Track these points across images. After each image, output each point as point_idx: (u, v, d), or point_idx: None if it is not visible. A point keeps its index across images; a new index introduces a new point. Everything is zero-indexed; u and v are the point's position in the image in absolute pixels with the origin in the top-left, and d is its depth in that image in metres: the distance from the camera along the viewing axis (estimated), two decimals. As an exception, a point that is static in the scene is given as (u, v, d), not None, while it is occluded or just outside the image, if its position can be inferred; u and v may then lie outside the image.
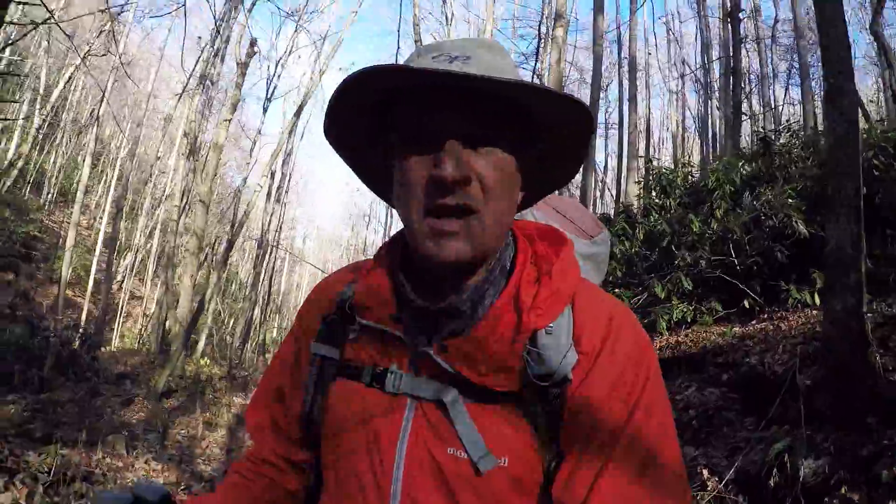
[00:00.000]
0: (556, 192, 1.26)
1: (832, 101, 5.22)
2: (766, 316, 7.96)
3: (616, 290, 9.06)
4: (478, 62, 0.92)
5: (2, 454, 4.54)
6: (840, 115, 5.06)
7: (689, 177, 11.27)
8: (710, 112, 27.70)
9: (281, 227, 36.83)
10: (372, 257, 1.11)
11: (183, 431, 9.95)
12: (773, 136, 10.57)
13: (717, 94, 25.03)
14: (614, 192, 22.75)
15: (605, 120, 33.02)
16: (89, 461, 5.13)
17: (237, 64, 19.93)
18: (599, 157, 34.65)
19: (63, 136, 31.53)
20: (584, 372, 0.90)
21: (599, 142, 32.84)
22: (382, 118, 1.00)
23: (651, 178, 11.68)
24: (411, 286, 0.99)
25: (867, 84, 30.96)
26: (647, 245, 9.85)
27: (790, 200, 8.25)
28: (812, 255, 7.35)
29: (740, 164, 10.03)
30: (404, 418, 0.94)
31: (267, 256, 32.90)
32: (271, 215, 32.70)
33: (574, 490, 0.86)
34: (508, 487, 0.88)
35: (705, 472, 4.66)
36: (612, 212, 18.64)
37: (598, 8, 18.96)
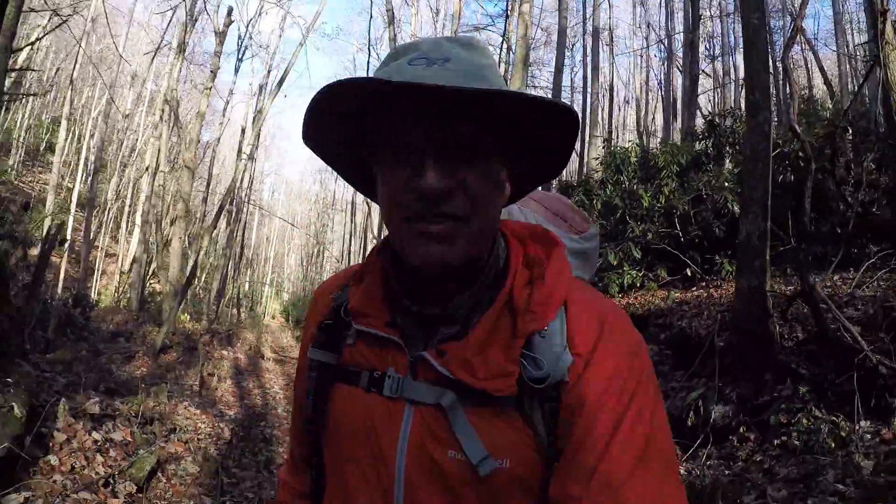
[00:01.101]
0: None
1: (752, 115, 6.38)
2: (704, 283, 9.21)
3: (573, 257, 10.20)
4: (457, 63, 0.90)
5: (102, 404, 5.50)
6: (756, 128, 6.22)
7: (641, 153, 12.36)
8: (672, 77, 28.27)
9: (252, 183, 37.04)
10: (366, 260, 1.13)
11: (193, 383, 10.77)
12: (719, 119, 11.70)
13: (679, 59, 25.39)
14: (577, 158, 23.46)
15: (571, 82, 33.29)
16: (150, 407, 6.14)
17: (215, 33, 20.42)
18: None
19: (30, 99, 31.37)
20: (579, 373, 0.89)
21: (566, 95, 33.35)
22: (363, 123, 0.99)
23: (608, 155, 12.80)
24: (404, 291, 1.00)
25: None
26: (604, 216, 11.01)
27: (726, 183, 9.46)
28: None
29: (686, 147, 11.23)
30: (403, 422, 0.94)
31: (240, 214, 33.25)
32: (243, 172, 33.09)
33: (570, 488, 0.86)
34: (510, 488, 0.88)
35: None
36: (574, 179, 19.59)
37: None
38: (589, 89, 24.07)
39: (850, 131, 10.19)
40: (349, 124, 1.00)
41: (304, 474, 1.19)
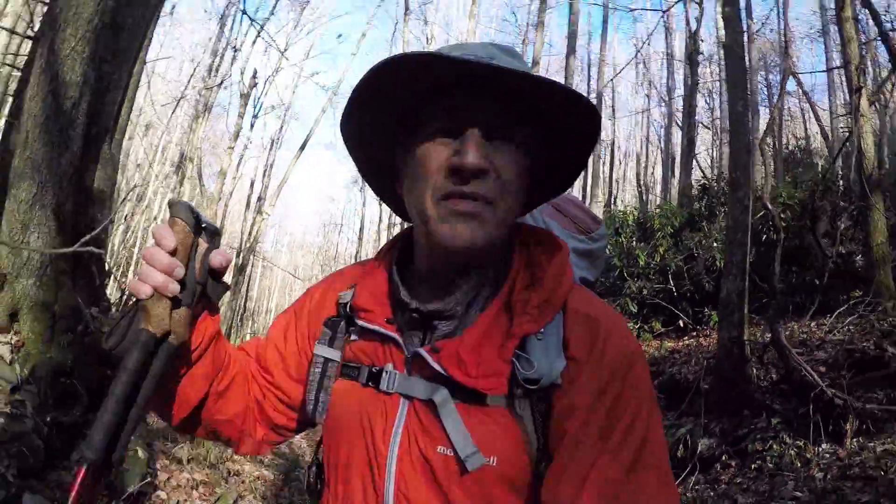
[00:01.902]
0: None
1: (734, 190, 7.38)
2: (694, 333, 10.15)
3: (578, 310, 11.17)
4: (500, 63, 0.94)
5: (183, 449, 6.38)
6: (737, 201, 7.22)
7: (639, 216, 13.44)
8: (671, 134, 29.04)
9: (258, 236, 37.95)
10: (373, 259, 1.17)
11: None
12: (711, 183, 12.84)
13: (679, 115, 26.02)
14: None
15: None
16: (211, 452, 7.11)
17: (241, 96, 21.64)
18: None
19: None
20: (572, 377, 0.91)
21: None
22: (402, 116, 1.03)
23: (607, 217, 13.91)
24: (406, 289, 1.04)
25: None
26: (603, 273, 11.95)
27: (715, 243, 10.46)
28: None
29: (679, 211, 12.32)
30: (397, 416, 0.96)
31: (249, 266, 34.07)
32: (251, 224, 34.14)
33: (561, 491, 0.86)
34: (498, 485, 0.89)
35: (636, 448, 6.70)
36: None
37: (571, 50, 20.85)
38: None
39: (833, 189, 11.18)
40: (390, 114, 1.04)
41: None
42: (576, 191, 33.40)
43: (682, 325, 10.37)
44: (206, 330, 1.04)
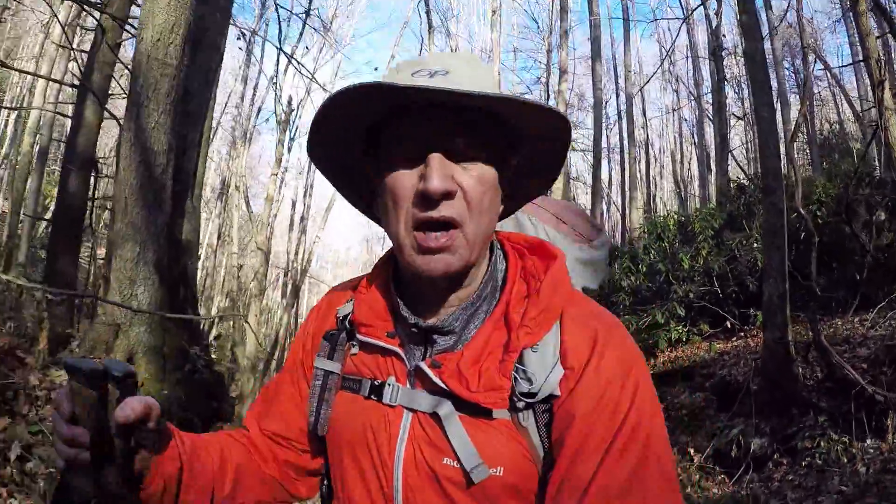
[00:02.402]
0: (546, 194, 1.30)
1: (767, 195, 7.74)
2: (742, 334, 10.44)
3: (626, 317, 11.46)
4: (457, 76, 0.95)
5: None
6: (771, 206, 7.57)
7: (679, 220, 13.75)
8: (703, 129, 28.82)
9: (304, 256, 38.92)
10: (369, 273, 1.18)
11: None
12: (746, 182, 13.11)
13: (710, 109, 25.73)
14: (620, 213, 24.52)
15: (608, 141, 34.47)
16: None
17: (277, 122, 22.42)
18: (604, 172, 35.97)
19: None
20: (571, 386, 0.92)
21: (604, 161, 34.08)
22: (368, 136, 1.05)
23: (649, 224, 14.27)
24: (405, 303, 1.05)
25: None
26: (649, 279, 12.33)
27: (755, 244, 10.76)
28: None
29: (717, 211, 12.62)
30: (401, 429, 0.99)
31: (299, 287, 34.94)
32: (297, 245, 35.05)
33: (564, 500, 0.88)
34: (504, 495, 0.93)
35: (691, 450, 7.08)
36: (618, 233, 20.81)
37: (596, 54, 21.08)
38: (626, 154, 25.00)
39: (867, 181, 11.36)
40: (355, 136, 1.05)
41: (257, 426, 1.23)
42: (615, 193, 33.59)
43: (729, 325, 10.65)
44: (164, 472, 0.99)
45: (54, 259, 8.85)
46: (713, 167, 22.57)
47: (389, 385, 1.02)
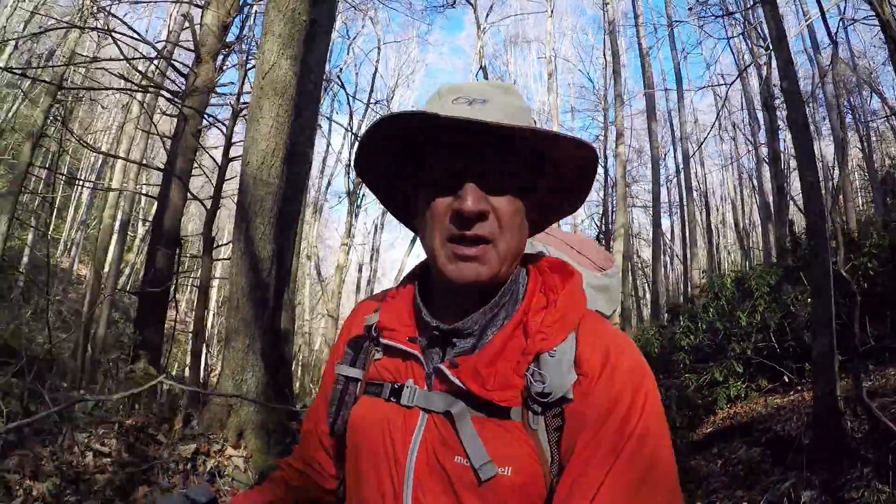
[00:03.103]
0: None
1: (814, 256, 8.19)
2: (800, 387, 10.71)
3: (686, 375, 11.84)
4: (494, 105, 1.03)
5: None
6: (817, 266, 8.02)
7: (736, 279, 14.12)
8: (762, 177, 28.66)
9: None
10: (398, 284, 1.24)
11: None
12: (802, 237, 13.45)
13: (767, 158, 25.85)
14: (682, 267, 24.57)
15: (668, 195, 34.63)
16: None
17: (347, 194, 23.59)
18: (665, 224, 35.91)
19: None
20: (584, 392, 0.97)
21: (665, 218, 33.90)
22: (412, 156, 1.12)
23: (707, 282, 14.69)
24: (429, 310, 1.12)
25: None
26: (708, 337, 12.70)
27: (810, 299, 11.08)
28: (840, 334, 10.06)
29: (773, 269, 12.98)
30: (416, 429, 1.03)
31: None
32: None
33: None
34: (512, 495, 0.95)
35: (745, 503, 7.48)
36: (679, 295, 21.04)
37: (651, 115, 21.71)
38: (685, 212, 25.08)
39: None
40: (399, 155, 1.14)
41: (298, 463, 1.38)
42: (677, 246, 33.55)
43: (787, 380, 10.93)
44: None
45: (143, 328, 9.78)
46: (772, 216, 22.60)
47: (408, 387, 1.07)
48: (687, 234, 23.65)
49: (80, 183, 27.83)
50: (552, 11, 26.08)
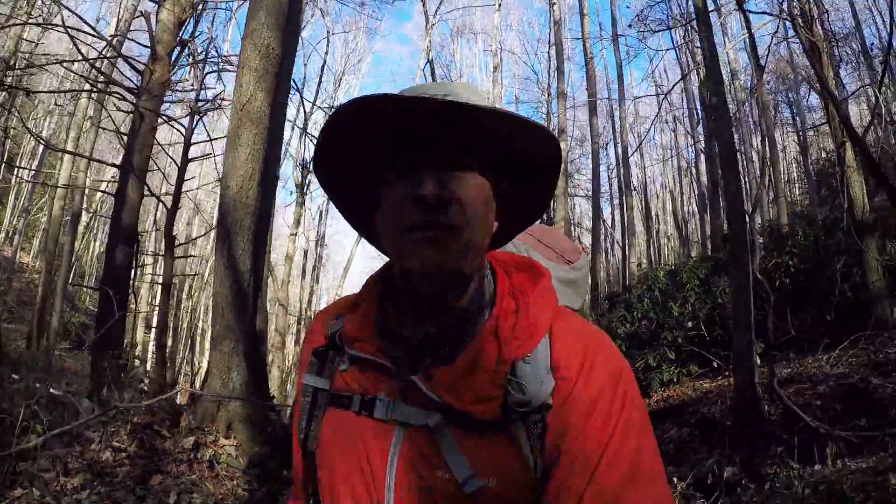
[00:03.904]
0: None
1: (734, 259, 9.05)
2: (727, 373, 11.65)
3: (622, 362, 12.76)
4: (456, 97, 0.95)
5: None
6: (737, 270, 8.87)
7: (668, 273, 15.09)
8: (699, 166, 29.56)
9: (316, 302, 40.03)
10: (361, 289, 1.17)
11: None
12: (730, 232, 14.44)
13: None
14: (622, 261, 25.42)
15: (609, 185, 35.77)
16: None
17: (297, 186, 23.84)
18: (606, 212, 37.04)
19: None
20: (563, 397, 0.94)
21: (605, 205, 34.97)
22: (370, 156, 1.04)
23: (641, 276, 15.65)
24: (396, 319, 1.06)
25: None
26: (643, 325, 13.62)
27: (757, 277, 12.05)
28: (758, 327, 10.84)
29: (702, 264, 13.97)
30: (392, 444, 0.97)
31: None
32: (310, 292, 36.41)
33: None
34: None
35: (675, 479, 8.26)
36: (618, 283, 22.00)
37: (593, 111, 22.57)
38: (624, 203, 25.62)
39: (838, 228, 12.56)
40: (359, 157, 1.06)
41: (304, 499, 1.21)
42: (618, 233, 34.62)
43: (715, 366, 11.87)
44: None
45: (104, 321, 9.89)
46: (707, 207, 23.64)
47: (381, 400, 1.01)
48: (626, 226, 24.58)
49: (27, 174, 27.50)
50: (499, 5, 26.56)
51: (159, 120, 11.52)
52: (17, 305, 23.32)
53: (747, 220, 9.41)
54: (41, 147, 27.85)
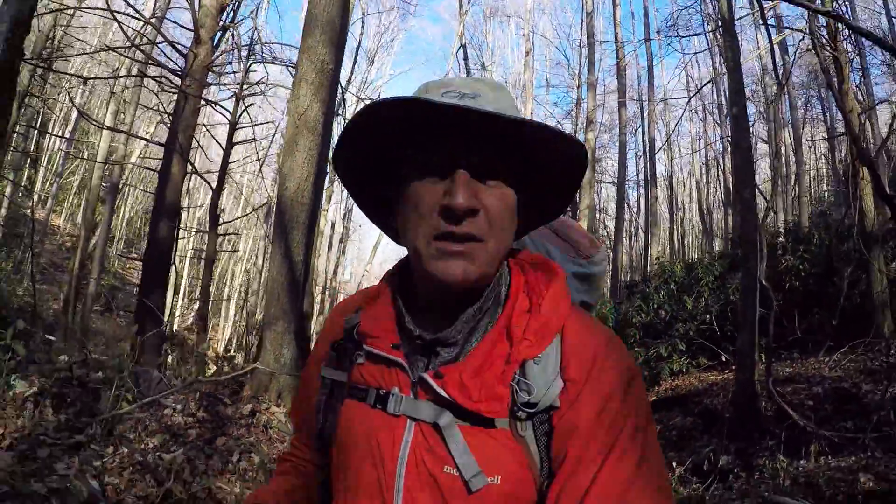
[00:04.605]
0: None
1: (744, 262, 9.63)
2: (735, 367, 12.29)
3: (636, 349, 13.40)
4: (484, 100, 0.99)
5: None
6: (747, 272, 9.47)
7: (685, 267, 15.69)
8: (726, 158, 29.18)
9: (341, 274, 40.90)
10: (379, 284, 1.19)
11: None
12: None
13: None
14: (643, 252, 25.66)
15: (636, 175, 35.76)
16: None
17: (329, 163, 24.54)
18: (633, 198, 37.57)
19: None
20: (572, 399, 0.95)
21: (631, 191, 35.25)
22: (394, 151, 1.06)
23: (658, 268, 16.28)
24: (411, 316, 1.07)
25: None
26: (657, 316, 14.28)
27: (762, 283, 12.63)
28: (763, 327, 10.95)
29: (719, 261, 14.56)
30: (404, 438, 0.99)
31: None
32: (336, 264, 37.22)
33: None
34: (502, 503, 0.94)
35: (675, 464, 8.94)
36: (638, 273, 22.50)
37: (622, 104, 23.04)
38: (648, 194, 26.06)
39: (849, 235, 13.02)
40: (381, 150, 1.08)
41: (305, 449, 1.34)
42: (643, 221, 34.85)
43: (724, 360, 12.51)
44: None
45: (148, 292, 10.80)
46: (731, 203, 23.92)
47: (393, 395, 1.03)
48: (648, 218, 24.91)
49: (62, 142, 28.03)
50: (533, -10, 26.81)
51: (201, 102, 11.96)
52: (49, 267, 24.12)
53: (759, 227, 9.96)
54: (74, 113, 28.47)
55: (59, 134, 29.43)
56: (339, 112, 20.57)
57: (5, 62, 4.67)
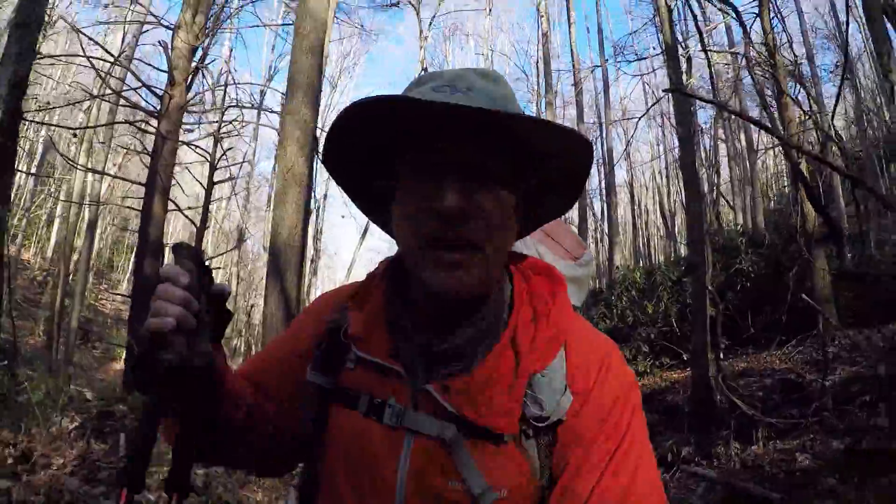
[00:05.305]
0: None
1: (691, 271, 10.50)
2: (690, 366, 13.15)
3: (601, 354, 14.20)
4: (479, 92, 0.94)
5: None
6: (695, 280, 10.32)
7: (643, 274, 16.59)
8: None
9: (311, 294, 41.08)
10: (364, 282, 1.14)
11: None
12: (711, 232, 15.90)
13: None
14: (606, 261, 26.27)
15: (599, 182, 36.21)
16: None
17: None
18: (598, 207, 38.14)
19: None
20: (576, 409, 0.94)
21: (595, 199, 36.44)
22: (385, 149, 1.01)
23: (619, 276, 17.19)
24: (409, 320, 1.03)
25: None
26: (621, 320, 15.12)
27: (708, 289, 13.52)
28: (714, 328, 12.23)
29: (676, 266, 15.48)
30: (403, 451, 0.96)
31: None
32: (308, 284, 37.47)
33: None
34: None
35: (641, 458, 9.70)
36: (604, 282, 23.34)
37: (580, 116, 23.91)
38: (609, 203, 26.87)
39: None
40: (372, 148, 1.02)
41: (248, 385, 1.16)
42: (607, 225, 35.64)
43: (685, 358, 13.33)
44: (221, 359, 1.05)
45: (138, 326, 10.83)
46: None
47: (391, 406, 0.98)
48: (609, 224, 25.65)
49: (36, 182, 28.12)
50: (490, 10, 27.67)
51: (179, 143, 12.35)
52: (23, 302, 24.05)
53: (704, 237, 10.81)
54: (39, 145, 28.50)
55: (26, 170, 29.47)
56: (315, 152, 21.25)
57: (7, 128, 5.20)
